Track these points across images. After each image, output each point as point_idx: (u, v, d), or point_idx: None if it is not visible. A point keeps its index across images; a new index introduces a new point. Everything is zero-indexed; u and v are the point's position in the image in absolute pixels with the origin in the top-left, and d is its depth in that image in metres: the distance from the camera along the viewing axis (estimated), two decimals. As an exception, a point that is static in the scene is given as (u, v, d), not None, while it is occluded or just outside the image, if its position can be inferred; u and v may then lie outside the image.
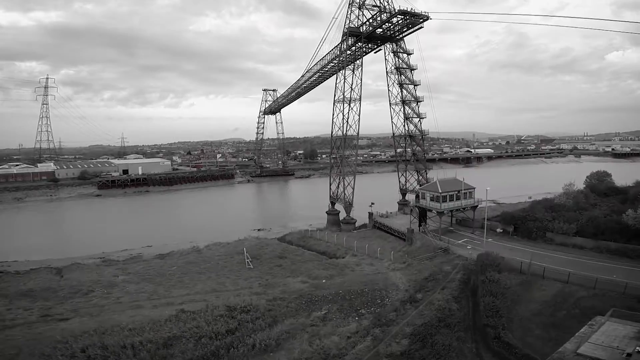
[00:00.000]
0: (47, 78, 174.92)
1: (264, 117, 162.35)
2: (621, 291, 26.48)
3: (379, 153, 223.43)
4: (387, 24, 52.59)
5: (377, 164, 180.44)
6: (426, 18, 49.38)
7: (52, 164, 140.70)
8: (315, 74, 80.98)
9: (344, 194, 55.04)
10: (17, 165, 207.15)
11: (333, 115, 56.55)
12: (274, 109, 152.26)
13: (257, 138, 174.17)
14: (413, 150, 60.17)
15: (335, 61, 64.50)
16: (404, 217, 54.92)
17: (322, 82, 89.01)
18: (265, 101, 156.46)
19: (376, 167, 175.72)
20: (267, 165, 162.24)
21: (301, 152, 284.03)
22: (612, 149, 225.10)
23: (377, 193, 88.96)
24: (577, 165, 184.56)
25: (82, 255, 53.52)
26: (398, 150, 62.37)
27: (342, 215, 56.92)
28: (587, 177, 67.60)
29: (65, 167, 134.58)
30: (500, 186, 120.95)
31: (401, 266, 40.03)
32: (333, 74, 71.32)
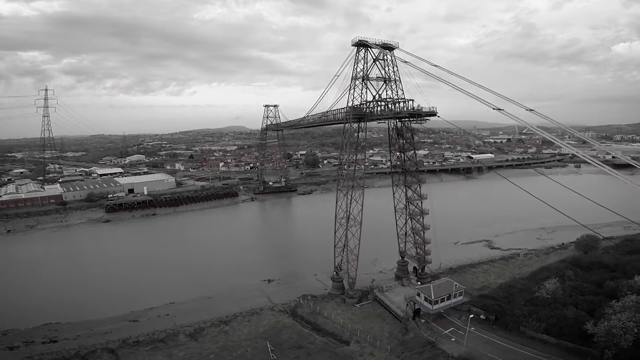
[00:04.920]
0: (46, 90, 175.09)
1: (266, 133, 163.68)
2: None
3: (380, 159, 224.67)
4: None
5: (378, 175, 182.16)
6: (433, 114, 50.84)
7: (58, 185, 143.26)
8: (318, 119, 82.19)
9: (348, 268, 58.22)
10: (21, 172, 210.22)
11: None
12: (277, 129, 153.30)
13: (259, 150, 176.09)
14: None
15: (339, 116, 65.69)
16: (402, 290, 58.91)
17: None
18: (267, 117, 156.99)
19: (377, 180, 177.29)
20: (270, 183, 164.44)
21: (303, 152, 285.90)
22: (613, 157, 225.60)
23: (377, 226, 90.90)
24: (577, 179, 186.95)
25: (114, 315, 58.97)
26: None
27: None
28: (577, 239, 71.48)
29: (72, 189, 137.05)
30: (498, 212, 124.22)
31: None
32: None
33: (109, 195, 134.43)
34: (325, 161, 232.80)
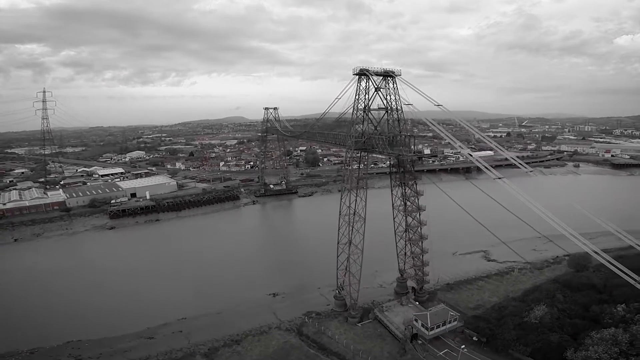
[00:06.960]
0: (44, 92, 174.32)
1: (266, 135, 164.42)
2: None
3: (380, 156, 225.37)
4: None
5: (378, 176, 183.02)
6: (434, 156, 52.39)
7: (61, 191, 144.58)
8: (320, 135, 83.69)
9: (350, 291, 60.60)
10: (22, 172, 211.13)
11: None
12: (277, 134, 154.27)
13: (260, 150, 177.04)
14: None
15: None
16: (401, 310, 61.59)
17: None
18: (267, 119, 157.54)
19: (377, 180, 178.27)
20: (271, 185, 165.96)
21: (303, 148, 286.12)
22: (612, 155, 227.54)
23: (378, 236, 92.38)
24: (575, 181, 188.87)
25: (131, 331, 61.99)
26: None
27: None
28: (570, 257, 73.97)
29: (75, 194, 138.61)
30: (497, 216, 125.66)
31: (394, 381, 48.48)
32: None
33: (112, 201, 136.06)
34: (325, 159, 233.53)
